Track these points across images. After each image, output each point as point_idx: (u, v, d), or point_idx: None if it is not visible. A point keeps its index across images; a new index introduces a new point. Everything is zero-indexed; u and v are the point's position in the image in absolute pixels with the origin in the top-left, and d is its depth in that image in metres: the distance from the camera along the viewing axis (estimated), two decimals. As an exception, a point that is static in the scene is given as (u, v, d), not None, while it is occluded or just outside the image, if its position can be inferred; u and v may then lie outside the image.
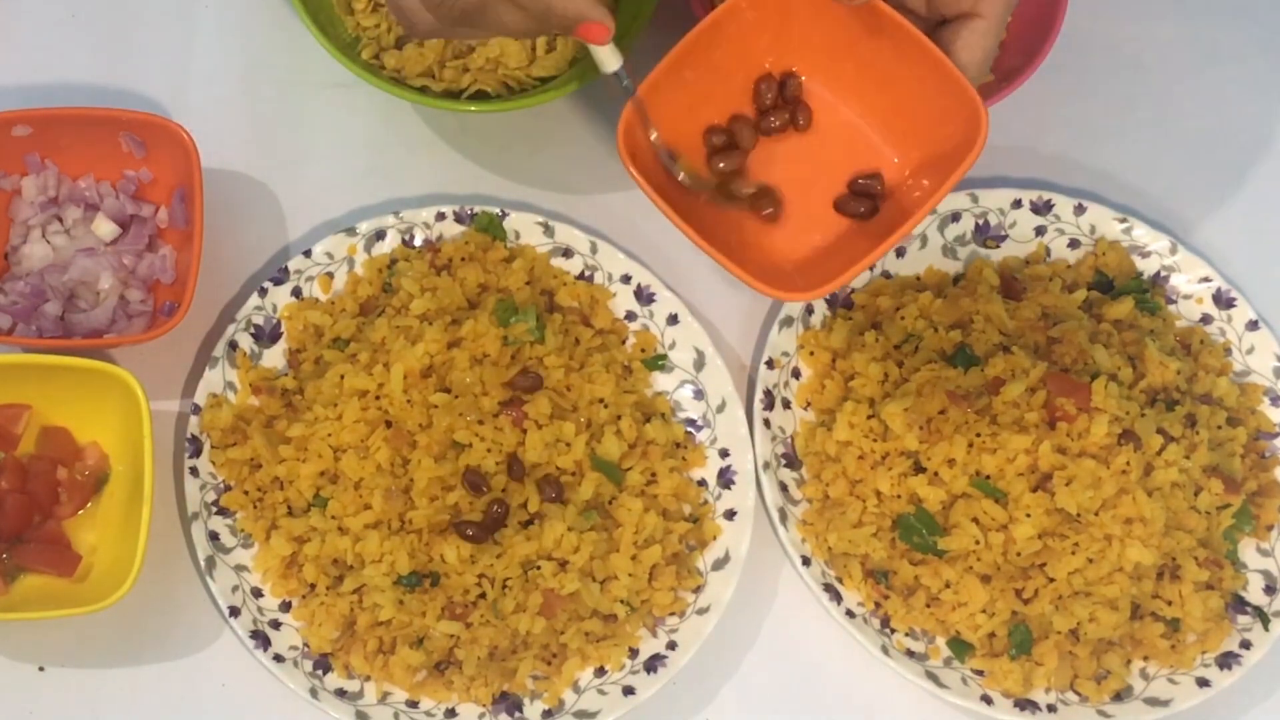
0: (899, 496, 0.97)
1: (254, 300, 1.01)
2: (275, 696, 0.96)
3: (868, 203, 0.87)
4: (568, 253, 1.04)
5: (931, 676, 0.96)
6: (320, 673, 0.95)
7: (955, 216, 1.07)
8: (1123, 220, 1.08)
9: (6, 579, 0.96)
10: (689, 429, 1.02)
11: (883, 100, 0.87)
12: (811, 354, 1.03)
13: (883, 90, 0.86)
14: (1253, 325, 1.06)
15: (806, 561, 0.98)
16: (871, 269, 1.06)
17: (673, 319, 1.04)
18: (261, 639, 0.95)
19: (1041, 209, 1.08)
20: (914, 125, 0.86)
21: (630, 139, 0.84)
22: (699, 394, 1.03)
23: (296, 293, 1.02)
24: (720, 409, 1.02)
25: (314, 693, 0.94)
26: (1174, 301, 1.07)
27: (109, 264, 1.01)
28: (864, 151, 0.88)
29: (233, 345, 1.01)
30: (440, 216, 1.04)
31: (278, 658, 0.95)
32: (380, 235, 1.04)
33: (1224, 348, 1.06)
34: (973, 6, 0.83)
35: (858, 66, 0.86)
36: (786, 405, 1.03)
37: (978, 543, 0.95)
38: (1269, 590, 1.00)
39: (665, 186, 0.85)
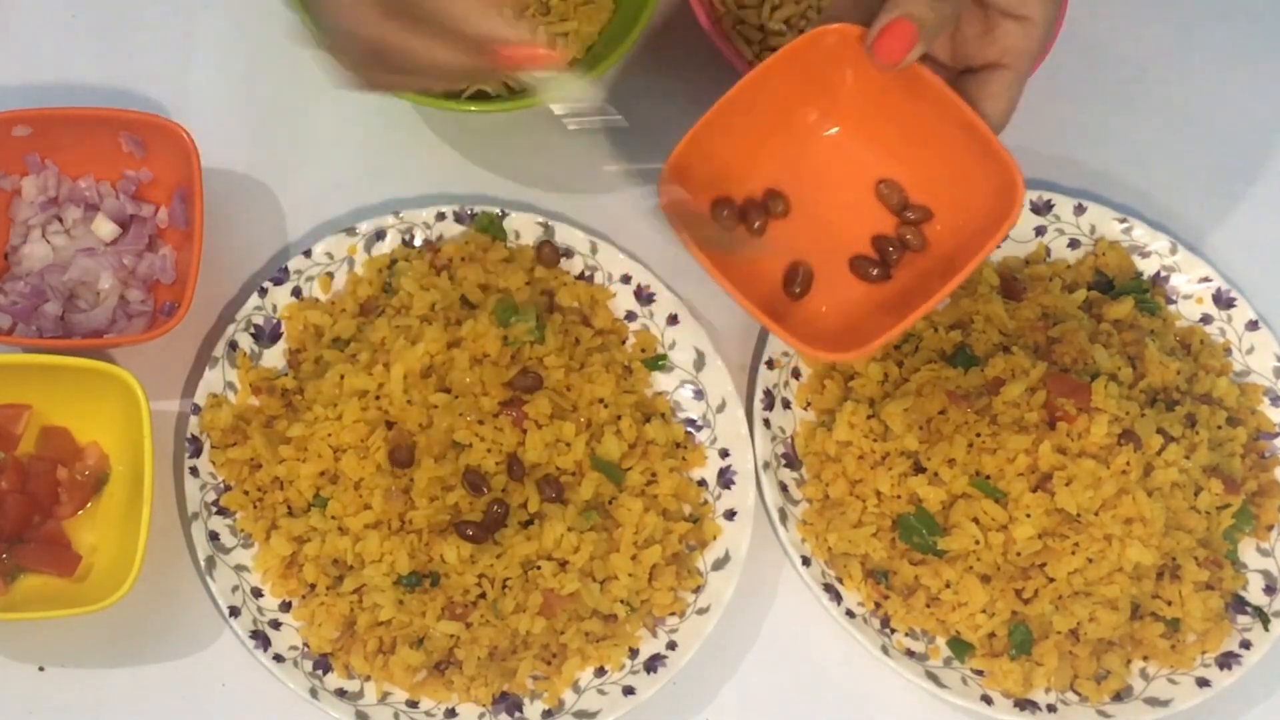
0: (899, 496, 0.97)
1: (254, 300, 1.01)
2: (275, 696, 0.95)
3: (880, 267, 0.89)
4: (568, 253, 1.04)
5: (931, 676, 0.96)
6: (320, 673, 0.95)
7: (955, 216, 1.07)
8: (1123, 220, 1.08)
9: (6, 579, 0.95)
10: (689, 429, 1.02)
11: (920, 161, 0.87)
12: (811, 354, 1.04)
13: (921, 152, 0.86)
14: (1253, 325, 1.06)
15: (806, 561, 0.98)
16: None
17: (673, 319, 1.04)
18: (261, 639, 0.95)
19: (1041, 209, 1.08)
20: (949, 188, 0.86)
21: (673, 202, 0.84)
22: (699, 394, 1.03)
23: (296, 293, 1.02)
24: (720, 409, 1.02)
25: (314, 693, 0.94)
26: (1174, 301, 1.07)
27: (109, 264, 1.01)
28: (890, 212, 0.89)
29: (233, 345, 1.01)
30: (440, 216, 1.04)
31: (278, 658, 0.95)
32: (380, 235, 1.04)
33: (1224, 348, 1.06)
34: (999, 57, 0.83)
35: (899, 127, 0.86)
36: (786, 405, 1.03)
37: (978, 543, 0.95)
38: (1269, 590, 1.00)
39: (708, 242, 0.85)
